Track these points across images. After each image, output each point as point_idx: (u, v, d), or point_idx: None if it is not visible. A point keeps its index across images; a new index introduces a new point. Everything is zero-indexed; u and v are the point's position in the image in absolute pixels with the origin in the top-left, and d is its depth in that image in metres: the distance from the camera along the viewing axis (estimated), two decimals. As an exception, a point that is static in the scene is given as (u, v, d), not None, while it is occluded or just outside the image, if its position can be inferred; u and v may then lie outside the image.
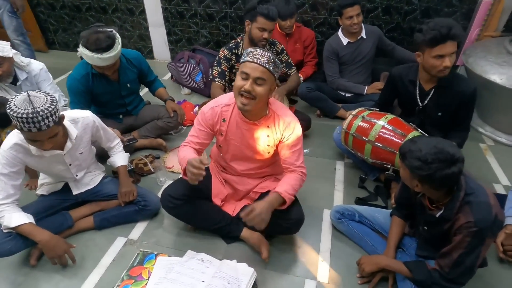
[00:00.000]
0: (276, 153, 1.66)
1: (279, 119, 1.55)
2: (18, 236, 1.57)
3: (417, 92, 1.92)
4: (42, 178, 1.88)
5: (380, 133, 1.92)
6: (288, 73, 2.44)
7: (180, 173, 2.27)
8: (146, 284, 1.54)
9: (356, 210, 1.77)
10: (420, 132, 1.89)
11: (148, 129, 2.46)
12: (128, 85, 2.32)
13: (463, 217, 1.23)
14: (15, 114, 1.33)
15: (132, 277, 1.58)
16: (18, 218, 1.55)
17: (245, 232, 1.75)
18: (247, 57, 1.40)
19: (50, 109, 1.38)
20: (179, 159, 1.59)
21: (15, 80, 2.23)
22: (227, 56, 2.30)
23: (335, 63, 2.71)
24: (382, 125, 1.93)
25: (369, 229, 1.75)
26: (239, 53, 2.32)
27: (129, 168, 2.18)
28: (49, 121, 1.38)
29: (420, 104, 1.93)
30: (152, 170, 2.25)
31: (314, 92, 2.69)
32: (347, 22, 2.53)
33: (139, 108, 2.52)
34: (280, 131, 1.57)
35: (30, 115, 1.32)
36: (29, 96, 1.37)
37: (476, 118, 2.74)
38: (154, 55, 3.99)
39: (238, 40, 2.34)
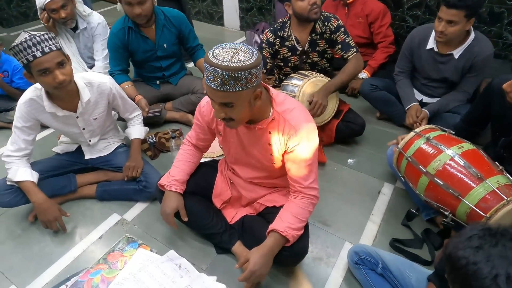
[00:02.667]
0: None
1: (285, 124, 1.19)
2: (19, 190, 1.58)
3: None
4: (63, 136, 1.88)
5: (446, 166, 1.38)
6: (345, 56, 1.90)
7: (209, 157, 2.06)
8: (117, 275, 1.42)
9: (381, 259, 1.34)
10: (509, 179, 1.31)
11: (182, 102, 2.29)
12: (165, 46, 2.15)
13: None
14: (16, 48, 1.31)
15: (107, 262, 1.47)
16: (22, 174, 1.55)
17: (237, 247, 1.48)
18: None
19: (47, 34, 1.35)
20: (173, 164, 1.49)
21: (75, 28, 2.28)
22: (270, 39, 1.93)
23: (407, 61, 2.07)
24: (451, 156, 1.38)
25: (392, 288, 1.31)
26: (285, 35, 1.92)
27: (150, 140, 2.08)
28: (49, 44, 1.34)
29: (513, 137, 1.33)
30: (174, 147, 2.09)
31: (380, 91, 2.14)
32: (436, 21, 1.80)
33: (178, 77, 2.35)
34: (284, 140, 1.21)
35: (28, 38, 1.30)
36: (25, 31, 1.36)
37: None
38: (224, 22, 3.77)
39: (285, 19, 1.93)
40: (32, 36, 1.30)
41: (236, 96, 1.03)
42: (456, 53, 1.87)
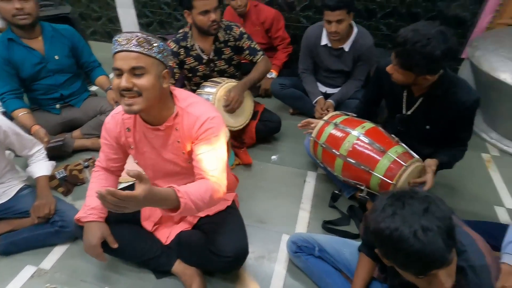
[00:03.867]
0: None
1: (189, 116, 1.18)
2: None
3: (404, 96, 1.53)
4: None
5: (355, 146, 1.54)
6: (253, 60, 2.00)
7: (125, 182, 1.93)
8: (42, 333, 1.23)
9: (317, 242, 1.42)
10: (404, 148, 1.52)
11: (91, 125, 2.10)
12: (57, 58, 1.97)
13: None
14: None
15: (27, 323, 1.27)
16: None
17: (178, 267, 1.42)
18: (114, 49, 1.05)
19: None
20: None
21: None
22: (174, 49, 1.91)
23: (308, 58, 2.28)
24: (357, 136, 1.55)
25: (331, 267, 1.40)
26: (188, 45, 1.92)
27: (60, 176, 1.86)
28: None
29: (404, 112, 1.54)
30: (89, 178, 1.91)
31: (288, 89, 2.30)
32: (326, 25, 2.02)
33: (80, 98, 2.16)
34: (190, 133, 1.19)
35: None
36: None
37: (481, 122, 2.34)
38: (125, 39, 3.59)
39: (187, 29, 1.94)
40: None
41: (148, 62, 1.04)
42: (346, 46, 2.11)
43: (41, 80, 1.99)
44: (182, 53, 1.93)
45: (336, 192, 1.81)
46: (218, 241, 1.30)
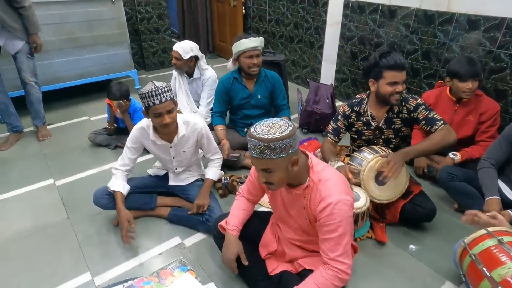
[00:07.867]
0: None
1: (317, 192, 1.28)
2: (113, 197, 1.96)
3: None
4: (158, 162, 2.27)
5: (514, 278, 1.22)
6: (432, 130, 1.86)
7: (266, 207, 2.21)
8: (162, 290, 1.60)
9: None
10: None
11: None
12: (259, 97, 2.56)
13: None
14: (142, 95, 1.69)
15: (159, 277, 1.67)
16: (118, 185, 1.92)
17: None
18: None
19: (166, 87, 1.72)
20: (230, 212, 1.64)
21: (190, 75, 2.84)
22: (346, 113, 2.06)
23: (506, 151, 1.86)
24: (524, 267, 1.22)
25: None
26: (361, 111, 2.03)
27: (224, 181, 2.33)
28: (166, 95, 1.71)
29: None
30: (241, 192, 2.29)
31: (459, 182, 1.98)
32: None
33: None
34: (315, 208, 1.28)
35: (153, 89, 1.68)
36: (152, 81, 1.73)
37: None
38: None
39: (364, 96, 2.06)
40: (156, 88, 1.68)
41: (272, 163, 1.20)
42: None
43: (243, 110, 2.63)
44: (353, 117, 2.06)
45: (476, 322, 1.46)
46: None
